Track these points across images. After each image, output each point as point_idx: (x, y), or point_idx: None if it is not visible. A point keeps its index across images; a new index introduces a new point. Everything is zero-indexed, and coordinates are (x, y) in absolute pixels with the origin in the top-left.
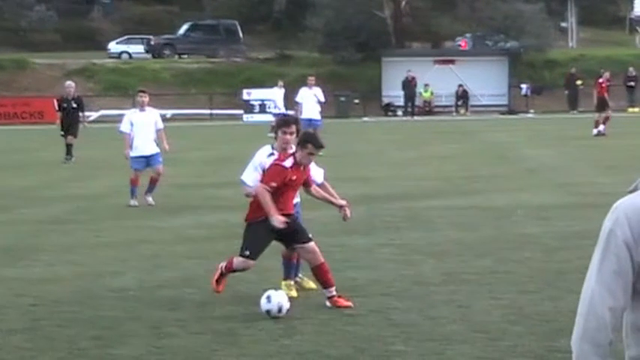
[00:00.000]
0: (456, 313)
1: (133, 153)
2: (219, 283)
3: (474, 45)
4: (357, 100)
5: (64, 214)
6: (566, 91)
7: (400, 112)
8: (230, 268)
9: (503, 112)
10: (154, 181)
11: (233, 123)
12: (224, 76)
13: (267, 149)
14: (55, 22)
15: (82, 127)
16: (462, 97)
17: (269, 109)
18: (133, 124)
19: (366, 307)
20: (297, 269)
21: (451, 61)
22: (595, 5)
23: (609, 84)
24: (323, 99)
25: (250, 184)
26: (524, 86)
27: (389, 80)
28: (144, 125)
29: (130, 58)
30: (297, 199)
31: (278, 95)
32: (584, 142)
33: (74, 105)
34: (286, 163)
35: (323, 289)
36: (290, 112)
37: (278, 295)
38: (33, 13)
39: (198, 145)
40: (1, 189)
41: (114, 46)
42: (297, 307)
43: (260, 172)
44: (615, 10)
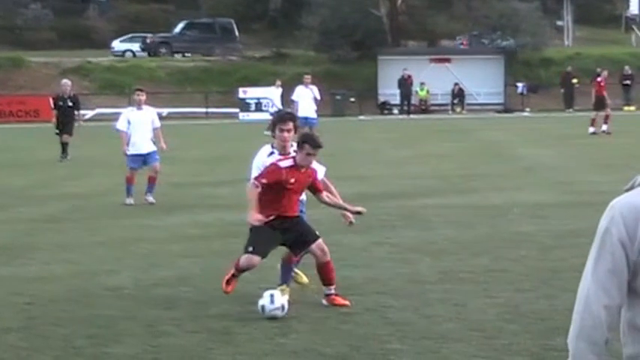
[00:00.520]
0: (452, 311)
1: (129, 151)
2: (229, 283)
3: (469, 43)
4: (353, 99)
5: (59, 212)
6: (562, 90)
7: (396, 111)
8: (237, 266)
9: (499, 111)
10: (152, 180)
11: (229, 121)
12: (220, 75)
13: (267, 149)
14: (51, 21)
15: (77, 125)
16: (458, 95)
17: (265, 107)
18: (130, 122)
19: (362, 305)
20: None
21: (447, 60)
22: (591, 4)
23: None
24: (319, 96)
25: None
26: (520, 85)
27: (385, 79)
28: (141, 124)
29: (134, 56)
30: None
31: (275, 94)
32: (580, 141)
33: (70, 103)
34: (283, 163)
35: (323, 285)
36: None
37: (282, 299)
38: (28, 11)
39: (193, 144)
40: None
41: (117, 45)
42: (293, 305)
43: None
44: (611, 9)
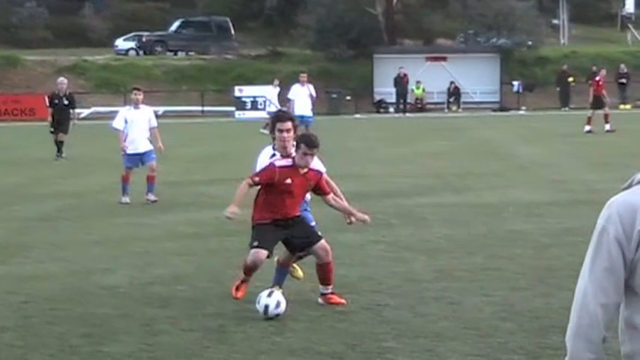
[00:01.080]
0: (447, 310)
1: (126, 150)
2: (238, 289)
3: (465, 42)
4: (348, 97)
5: (54, 211)
6: (558, 88)
7: (392, 109)
8: (245, 267)
9: (495, 109)
10: (151, 180)
11: (225, 120)
12: (215, 73)
13: (268, 150)
14: (46, 19)
15: (72, 124)
16: (454, 94)
17: (260, 106)
18: (127, 121)
19: (358, 304)
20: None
21: (443, 58)
22: (586, 2)
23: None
24: (315, 94)
25: None
26: (515, 83)
27: (381, 77)
28: (138, 123)
29: (137, 54)
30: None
31: (273, 94)
32: (575, 139)
33: (65, 102)
34: (279, 163)
35: (321, 284)
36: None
37: (275, 294)
38: (24, 9)
39: (189, 142)
40: None
41: (121, 43)
42: (288, 304)
43: None
44: (607, 8)
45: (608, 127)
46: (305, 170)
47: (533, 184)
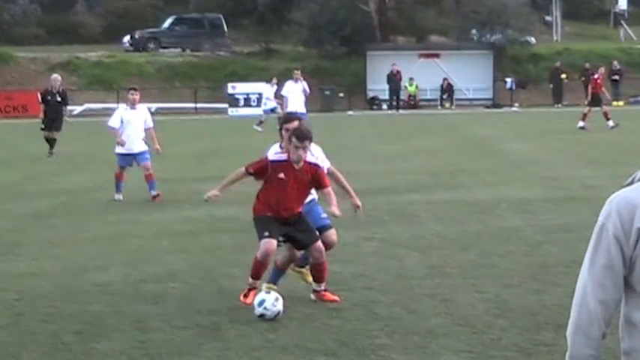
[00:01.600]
0: (440, 306)
1: (120, 150)
2: (247, 296)
3: (458, 39)
4: (341, 94)
5: (47, 208)
6: (551, 85)
7: (385, 106)
8: (255, 263)
9: (488, 106)
10: (149, 178)
11: (218, 117)
12: (208, 70)
13: (275, 148)
14: (39, 16)
15: (64, 121)
16: (447, 90)
17: (253, 102)
18: (122, 121)
19: (350, 300)
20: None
21: (436, 55)
22: None
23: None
24: (309, 89)
25: None
26: (508, 80)
27: (374, 74)
28: (134, 123)
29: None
30: (312, 195)
31: (270, 92)
32: (568, 136)
33: (58, 98)
34: (272, 157)
35: (314, 281)
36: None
37: (279, 304)
38: (16, 6)
39: (182, 139)
40: None
41: (129, 40)
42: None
43: None
44: (600, 4)
45: (611, 123)
46: (300, 165)
47: (526, 180)
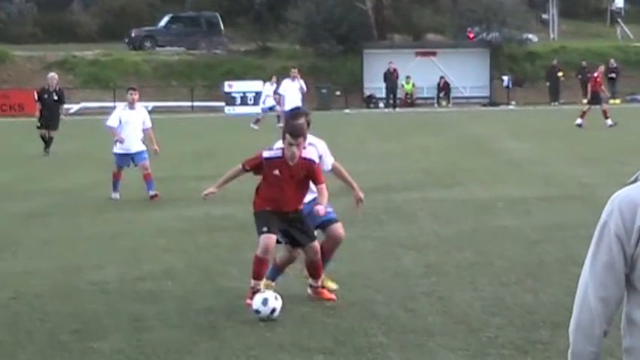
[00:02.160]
0: (437, 305)
1: (118, 150)
2: (252, 299)
3: (455, 37)
4: (338, 92)
5: (44, 207)
6: (548, 83)
7: (382, 104)
8: (256, 260)
9: (484, 104)
10: (147, 178)
11: (214, 115)
12: (205, 69)
13: (280, 143)
14: (35, 15)
15: (61, 119)
16: (444, 89)
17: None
18: (121, 121)
19: (347, 299)
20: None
21: (433, 53)
22: None
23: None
24: (305, 87)
25: None
26: (505, 78)
27: (370, 72)
28: (132, 123)
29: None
30: (314, 194)
31: (270, 90)
32: (565, 135)
33: (55, 97)
34: (267, 153)
35: (310, 277)
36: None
37: (275, 302)
38: (12, 5)
39: (179, 138)
40: None
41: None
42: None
43: None
44: (596, 2)
45: (609, 122)
46: (295, 161)
47: (522, 179)
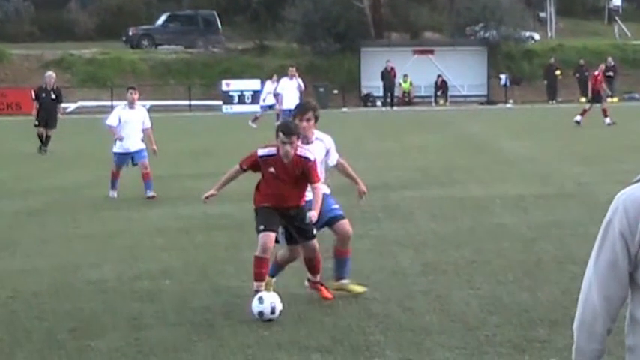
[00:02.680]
0: (434, 303)
1: (117, 149)
2: None
3: (452, 35)
4: (336, 91)
5: (41, 206)
6: (545, 82)
7: (379, 103)
8: (256, 260)
9: (482, 103)
10: (146, 177)
11: (212, 114)
12: (202, 67)
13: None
14: (32, 14)
15: (58, 118)
16: (441, 87)
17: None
18: (120, 120)
19: (345, 297)
20: (343, 271)
21: (430, 52)
22: None
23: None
24: (303, 86)
25: None
26: (503, 76)
27: (368, 71)
28: (132, 123)
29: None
30: (325, 190)
31: (272, 88)
32: (562, 133)
33: (53, 96)
34: (262, 151)
35: (309, 272)
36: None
37: (270, 296)
38: (10, 4)
39: (176, 137)
40: None
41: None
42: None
43: None
44: (594, 0)
45: (608, 120)
46: (289, 159)
47: (519, 177)
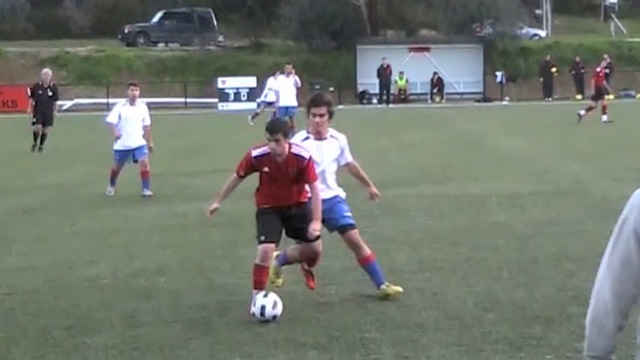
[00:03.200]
0: (430, 300)
1: (118, 146)
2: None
3: (448, 33)
4: (331, 88)
5: (37, 203)
6: (541, 79)
7: (375, 100)
8: (255, 269)
9: (478, 100)
10: (145, 175)
11: (208, 111)
12: (198, 65)
13: (302, 134)
14: (28, 11)
15: (54, 115)
16: (437, 85)
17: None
18: (121, 117)
19: (341, 295)
20: (378, 277)
21: (426, 49)
22: None
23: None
24: (300, 83)
25: None
26: (499, 74)
27: (364, 68)
28: (132, 120)
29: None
30: (335, 191)
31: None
32: (558, 130)
33: (49, 93)
34: (255, 151)
35: (307, 263)
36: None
37: (272, 295)
38: (5, 1)
39: (172, 134)
40: None
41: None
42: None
43: None
44: None
45: (605, 117)
46: (283, 157)
47: (515, 174)
